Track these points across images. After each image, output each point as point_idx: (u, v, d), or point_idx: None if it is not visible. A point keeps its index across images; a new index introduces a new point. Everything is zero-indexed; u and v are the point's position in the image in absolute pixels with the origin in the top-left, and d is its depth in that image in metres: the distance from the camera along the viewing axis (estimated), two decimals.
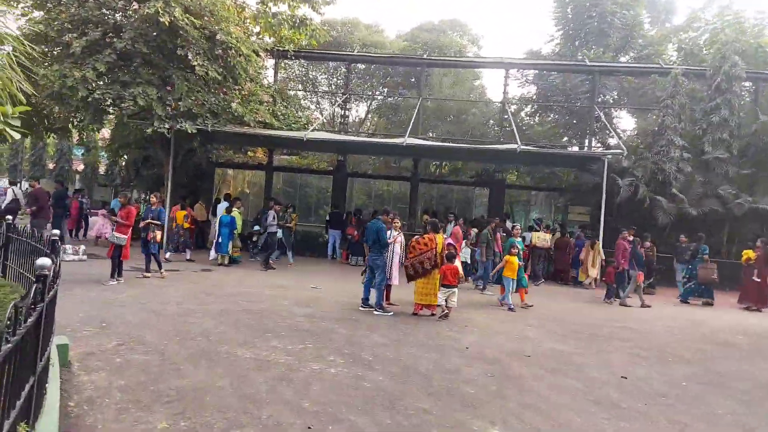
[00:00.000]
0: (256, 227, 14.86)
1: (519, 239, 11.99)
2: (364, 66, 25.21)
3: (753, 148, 16.39)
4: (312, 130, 15.15)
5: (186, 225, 14.86)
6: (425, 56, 18.86)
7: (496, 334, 8.26)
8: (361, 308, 9.34)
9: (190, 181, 19.42)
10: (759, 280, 12.73)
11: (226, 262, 13.93)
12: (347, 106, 19.12)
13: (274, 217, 13.99)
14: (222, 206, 15.15)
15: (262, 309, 8.72)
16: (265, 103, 16.30)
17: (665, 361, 7.33)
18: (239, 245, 14.73)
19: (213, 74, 14.16)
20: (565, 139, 21.12)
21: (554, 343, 7.93)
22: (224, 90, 15.40)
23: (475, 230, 14.13)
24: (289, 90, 19.19)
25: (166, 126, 14.16)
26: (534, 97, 24.28)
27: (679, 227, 15.92)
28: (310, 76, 26.11)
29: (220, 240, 13.91)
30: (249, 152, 23.59)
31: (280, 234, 14.50)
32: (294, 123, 16.58)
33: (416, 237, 9.68)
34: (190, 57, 13.89)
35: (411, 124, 15.85)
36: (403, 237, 10.05)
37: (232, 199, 15.67)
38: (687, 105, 16.82)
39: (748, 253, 13.44)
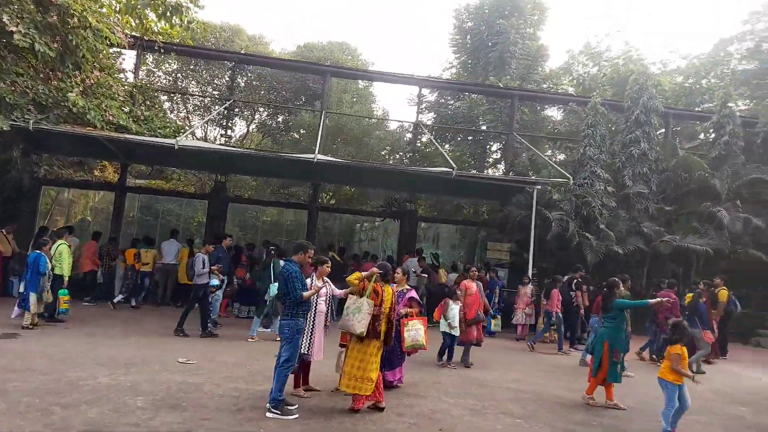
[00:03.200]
0: (213, 281, 10.30)
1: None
2: (247, 77, 21.70)
3: (671, 184, 15.79)
4: (185, 136, 11.38)
5: None
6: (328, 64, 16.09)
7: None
8: (269, 413, 5.87)
9: (5, 204, 14.29)
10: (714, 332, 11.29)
11: (31, 322, 9.30)
12: (230, 117, 15.50)
13: (204, 263, 9.89)
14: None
15: (88, 428, 4.92)
16: (120, 100, 12.18)
17: None
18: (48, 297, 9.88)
19: (42, 48, 9.92)
20: (474, 170, 19.40)
21: None
22: (58, 76, 11.10)
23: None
24: (155, 91, 15.06)
25: None
26: (431, 123, 22.70)
27: (602, 267, 14.63)
28: (180, 80, 21.79)
29: (22, 290, 9.45)
30: (95, 168, 18.71)
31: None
32: (160, 129, 12.62)
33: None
34: (5, 20, 9.57)
35: (319, 138, 12.75)
36: (331, 287, 6.84)
37: (57, 229, 11.21)
38: (607, 136, 15.88)
39: (690, 297, 12.23)
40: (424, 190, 16.14)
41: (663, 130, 17.63)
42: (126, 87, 12.92)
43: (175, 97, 22.29)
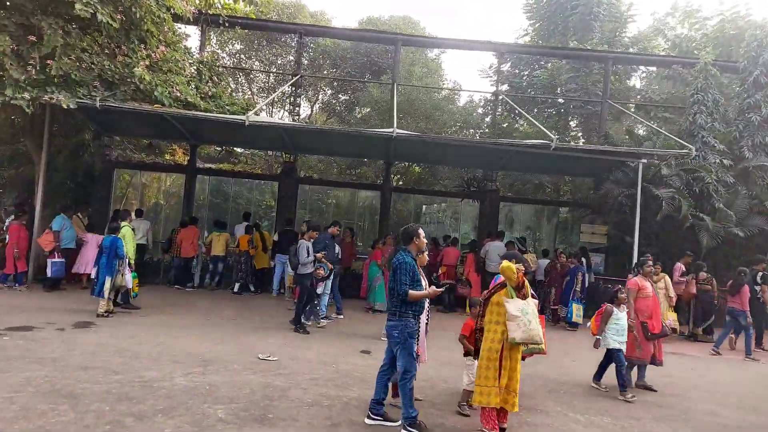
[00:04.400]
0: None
1: None
2: (309, 55, 20.84)
3: None
4: (255, 113, 10.61)
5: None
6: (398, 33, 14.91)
7: None
8: (369, 420, 4.96)
9: (79, 187, 14.18)
10: None
11: (105, 309, 8.79)
12: (298, 93, 14.66)
13: (309, 251, 8.94)
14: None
15: None
16: (187, 76, 11.54)
17: None
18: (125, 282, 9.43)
19: (105, 19, 9.31)
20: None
21: None
22: (124, 51, 10.53)
23: None
24: (221, 67, 14.46)
25: (26, 96, 9.16)
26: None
27: (715, 252, 12.81)
28: (244, 62, 21.20)
29: (94, 275, 9.01)
30: (166, 151, 18.49)
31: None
32: (228, 106, 11.92)
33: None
34: None
35: (394, 111, 11.66)
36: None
37: (122, 211, 10.76)
38: (720, 101, 13.83)
39: None
40: (506, 167, 14.74)
41: None
42: (192, 62, 12.26)
43: (239, 78, 21.83)
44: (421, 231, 5.12)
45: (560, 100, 18.96)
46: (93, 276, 9.22)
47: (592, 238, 13.79)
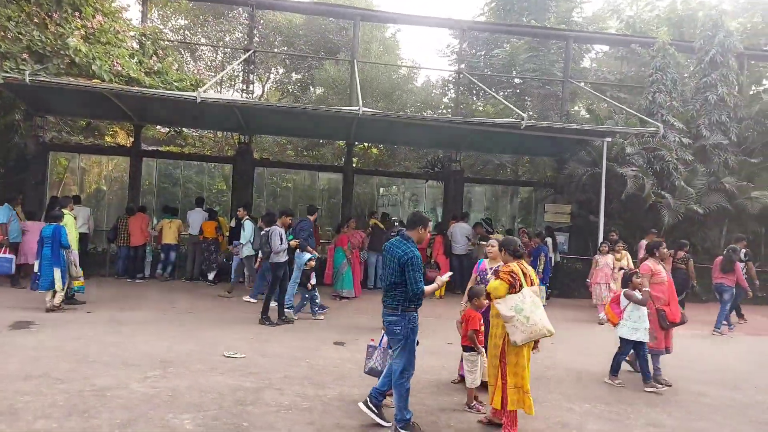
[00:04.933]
0: (304, 257, 8.83)
1: None
2: (260, 32, 19.77)
3: (754, 133, 13.96)
4: (206, 90, 9.75)
5: None
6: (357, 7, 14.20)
7: None
8: (364, 406, 4.53)
9: (10, 172, 12.91)
10: None
11: (55, 302, 8.19)
12: (251, 70, 13.76)
13: (282, 238, 8.35)
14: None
15: None
16: (129, 50, 10.52)
17: None
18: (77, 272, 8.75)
19: None
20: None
21: None
22: (56, 20, 9.42)
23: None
24: (166, 40, 13.40)
25: None
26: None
27: (675, 228, 13.04)
28: (189, 38, 19.88)
29: (36, 269, 8.22)
30: (106, 133, 17.16)
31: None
32: (176, 82, 10.98)
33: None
34: None
35: (358, 89, 11.02)
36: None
37: (61, 198, 9.78)
38: (678, 81, 13.99)
39: None
40: (470, 147, 14.45)
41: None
42: (135, 33, 11.21)
43: (185, 56, 20.50)
44: (430, 222, 4.72)
45: (517, 80, 18.82)
46: (36, 269, 8.31)
47: (556, 218, 13.75)
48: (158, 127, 18.37)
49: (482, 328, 5.07)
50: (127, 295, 9.96)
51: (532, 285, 4.52)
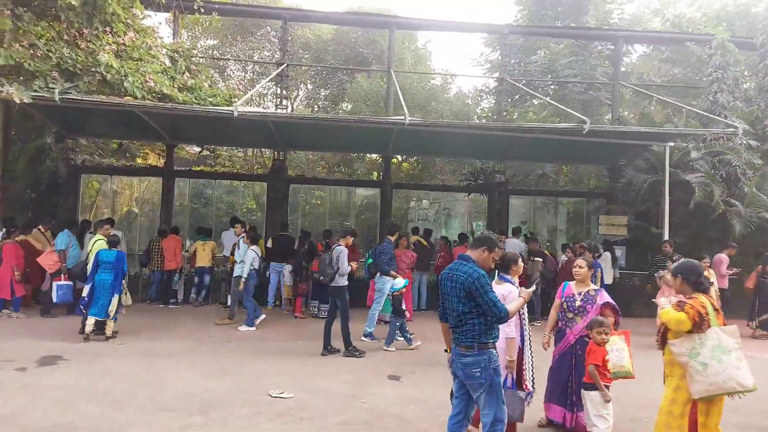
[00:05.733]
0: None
1: None
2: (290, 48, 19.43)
3: None
4: (241, 104, 9.22)
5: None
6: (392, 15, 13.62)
7: None
8: None
9: (42, 197, 12.65)
10: None
11: (109, 332, 7.92)
12: (286, 83, 13.28)
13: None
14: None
15: None
16: (161, 66, 10.12)
17: None
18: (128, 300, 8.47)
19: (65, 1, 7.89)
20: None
21: None
22: (86, 37, 9.05)
23: None
24: (198, 57, 13.09)
25: None
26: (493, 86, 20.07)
27: (746, 239, 11.93)
28: (219, 53, 19.66)
29: (86, 294, 7.85)
30: (137, 154, 16.92)
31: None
32: (211, 98, 10.52)
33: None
34: None
35: (401, 99, 10.38)
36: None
37: (96, 222, 9.34)
38: (740, 79, 12.97)
39: None
40: (513, 157, 13.62)
41: None
42: (167, 49, 10.82)
43: (214, 75, 20.31)
44: (500, 249, 4.04)
45: (554, 87, 17.97)
46: (85, 294, 7.90)
47: (612, 230, 12.75)
48: (188, 147, 18.16)
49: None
50: (161, 322, 9.38)
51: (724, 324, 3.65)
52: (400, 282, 8.09)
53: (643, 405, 5.49)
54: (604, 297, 4.98)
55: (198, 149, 18.50)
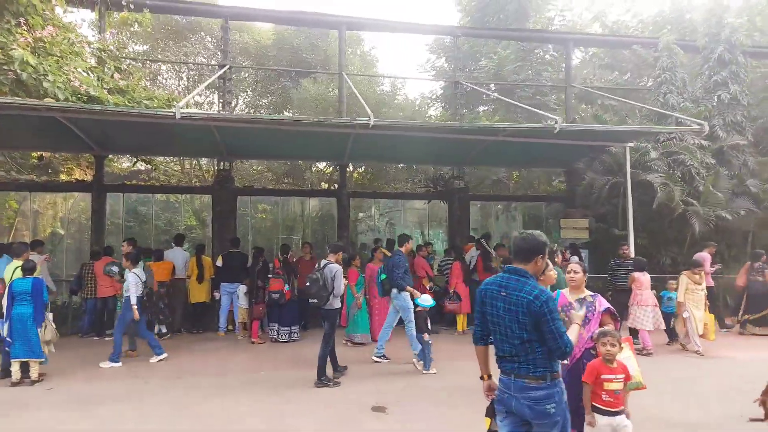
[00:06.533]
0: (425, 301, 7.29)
1: None
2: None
3: None
4: (182, 106, 8.16)
5: None
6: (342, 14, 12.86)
7: None
8: None
9: None
10: None
11: (34, 376, 6.72)
12: (227, 86, 12.21)
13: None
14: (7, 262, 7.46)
15: None
16: (85, 62, 8.90)
17: None
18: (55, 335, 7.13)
19: None
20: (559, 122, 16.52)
21: None
22: None
23: None
24: (129, 58, 11.79)
25: None
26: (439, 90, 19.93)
27: (704, 238, 12.06)
28: (149, 65, 18.18)
29: (6, 334, 6.65)
30: (60, 170, 15.21)
31: None
32: (147, 101, 9.38)
33: None
34: None
35: (361, 100, 9.69)
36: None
37: (16, 245, 7.89)
38: (687, 81, 13.23)
39: None
40: (473, 162, 13.22)
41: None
42: (93, 46, 9.57)
43: (145, 81, 18.80)
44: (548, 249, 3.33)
45: (497, 94, 17.87)
46: (6, 335, 6.62)
47: (574, 233, 12.58)
48: (119, 161, 16.59)
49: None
50: (98, 359, 8.11)
51: None
52: (427, 299, 7.30)
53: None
54: (603, 303, 4.47)
55: (129, 164, 16.95)
